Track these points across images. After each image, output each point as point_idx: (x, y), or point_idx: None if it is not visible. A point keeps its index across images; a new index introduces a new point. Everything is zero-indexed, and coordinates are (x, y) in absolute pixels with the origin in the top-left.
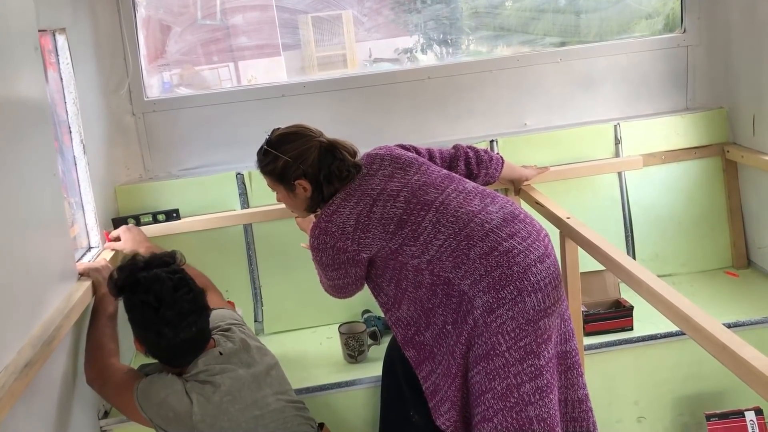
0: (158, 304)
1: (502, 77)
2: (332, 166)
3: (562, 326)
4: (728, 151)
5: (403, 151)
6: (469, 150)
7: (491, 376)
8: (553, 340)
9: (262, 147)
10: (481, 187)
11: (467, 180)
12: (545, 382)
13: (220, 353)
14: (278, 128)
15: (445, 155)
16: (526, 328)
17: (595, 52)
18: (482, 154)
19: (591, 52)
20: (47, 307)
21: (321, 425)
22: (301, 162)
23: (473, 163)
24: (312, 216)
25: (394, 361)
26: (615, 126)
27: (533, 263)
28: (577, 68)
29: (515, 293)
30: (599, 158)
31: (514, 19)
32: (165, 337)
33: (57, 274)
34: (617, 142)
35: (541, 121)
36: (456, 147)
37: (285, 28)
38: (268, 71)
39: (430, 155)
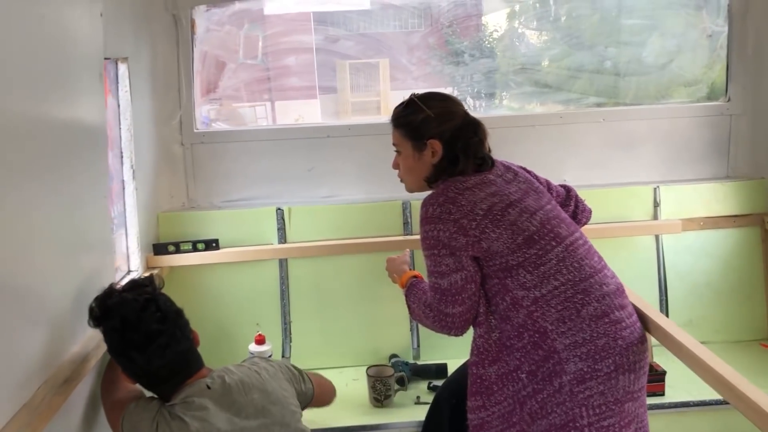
0: (123, 327)
1: (544, 132)
2: (471, 140)
3: (644, 417)
4: None
5: (533, 177)
6: (578, 194)
7: None
8: (632, 428)
9: (405, 100)
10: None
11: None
12: None
13: (208, 386)
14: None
15: (560, 191)
16: (613, 408)
17: (638, 114)
18: (584, 202)
19: (634, 114)
20: (88, 325)
21: None
22: (442, 121)
23: (580, 208)
24: (406, 255)
25: (441, 404)
26: (654, 189)
27: (636, 342)
28: (619, 129)
29: (612, 368)
30: (637, 220)
31: (554, 77)
32: (136, 362)
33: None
34: (656, 204)
35: (580, 178)
36: (566, 187)
37: (323, 72)
38: (303, 113)
39: (549, 186)
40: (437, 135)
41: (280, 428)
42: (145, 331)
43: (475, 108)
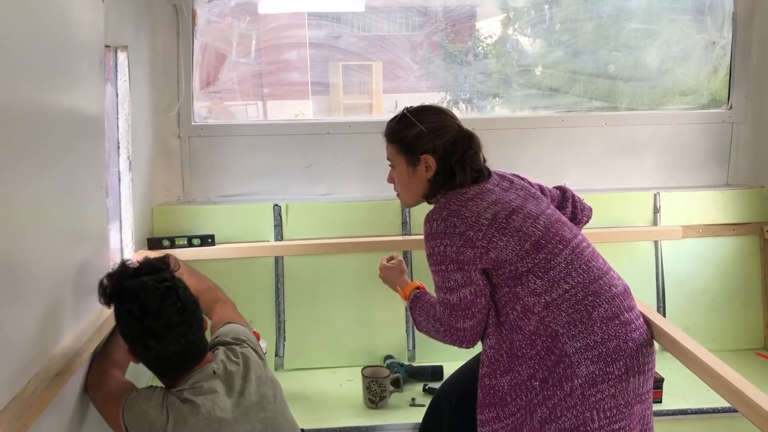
0: (143, 314)
1: (545, 135)
2: (466, 153)
3: (650, 419)
4: (767, 231)
5: (527, 183)
6: (575, 193)
7: None
8: (637, 430)
9: (397, 114)
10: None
11: None
12: None
13: (214, 372)
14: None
15: (554, 194)
16: (624, 410)
17: (640, 119)
18: (582, 200)
19: (636, 120)
20: (81, 318)
21: None
22: (436, 136)
23: (578, 207)
24: (402, 263)
25: (441, 405)
26: (655, 195)
27: (645, 344)
28: (621, 134)
29: (623, 370)
30: (637, 225)
31: (554, 79)
32: (152, 349)
33: (92, 286)
34: (656, 210)
35: (581, 182)
36: (562, 188)
37: (317, 72)
38: (297, 112)
39: (542, 190)
40: (430, 150)
41: (270, 405)
42: (165, 321)
43: (476, 109)
